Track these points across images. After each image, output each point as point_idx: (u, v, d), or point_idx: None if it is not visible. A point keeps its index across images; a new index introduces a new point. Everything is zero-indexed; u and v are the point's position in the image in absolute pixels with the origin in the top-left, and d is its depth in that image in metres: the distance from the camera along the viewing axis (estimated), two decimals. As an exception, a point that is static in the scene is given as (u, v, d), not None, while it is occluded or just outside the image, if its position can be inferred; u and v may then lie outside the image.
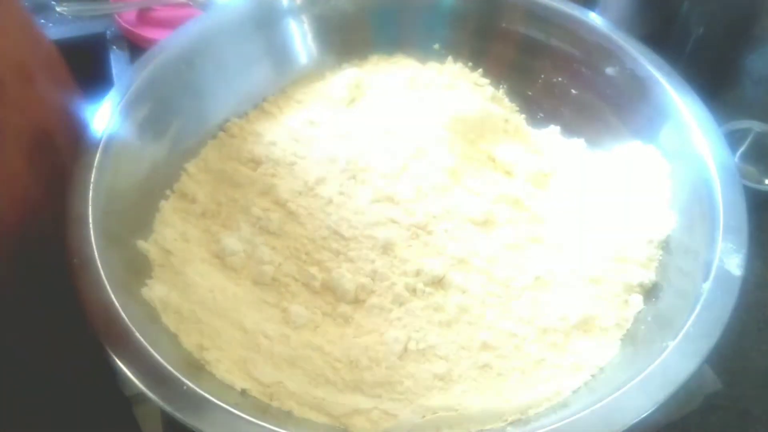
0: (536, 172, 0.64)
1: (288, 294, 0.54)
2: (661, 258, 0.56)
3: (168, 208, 0.58)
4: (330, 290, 0.54)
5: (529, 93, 0.72)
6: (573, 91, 0.69)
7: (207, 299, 0.51)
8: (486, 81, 0.72)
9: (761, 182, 0.71)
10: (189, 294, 0.51)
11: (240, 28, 0.67)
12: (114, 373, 0.57)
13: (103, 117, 0.55)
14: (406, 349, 0.51)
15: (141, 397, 0.53)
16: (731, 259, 0.48)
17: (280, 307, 0.53)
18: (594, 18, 0.67)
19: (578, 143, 0.67)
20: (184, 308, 0.50)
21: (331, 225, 0.56)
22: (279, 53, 0.70)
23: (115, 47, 0.77)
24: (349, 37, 0.73)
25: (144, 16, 0.78)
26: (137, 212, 0.55)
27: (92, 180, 0.51)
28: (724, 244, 0.49)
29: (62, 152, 0.53)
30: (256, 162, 0.62)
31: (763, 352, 0.63)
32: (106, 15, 0.78)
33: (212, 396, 0.42)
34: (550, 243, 0.57)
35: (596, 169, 0.64)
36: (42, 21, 0.83)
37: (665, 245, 0.56)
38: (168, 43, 0.63)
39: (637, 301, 0.54)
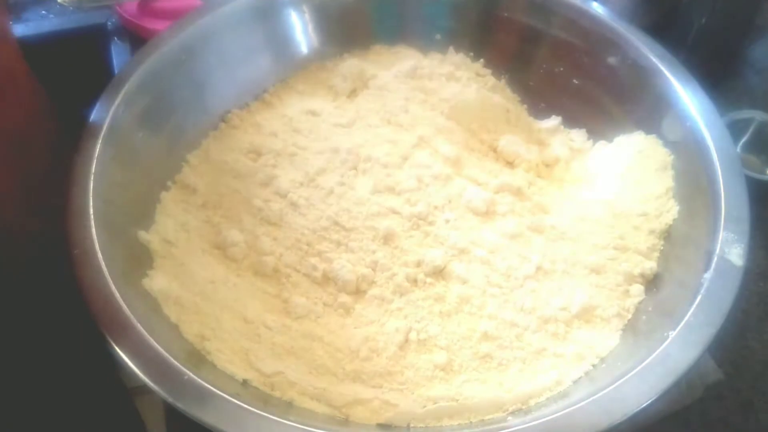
0: (538, 162, 0.64)
1: (289, 284, 0.54)
2: (662, 248, 0.56)
3: (169, 199, 0.58)
4: (331, 281, 0.54)
5: (531, 83, 0.71)
6: (575, 81, 0.69)
7: (208, 290, 0.51)
8: (487, 71, 0.72)
9: (764, 172, 0.71)
10: (190, 285, 0.51)
11: (241, 19, 0.67)
12: (116, 365, 0.57)
13: (104, 108, 0.55)
14: (406, 340, 0.51)
15: (143, 389, 0.54)
16: (733, 249, 0.48)
17: (281, 297, 0.53)
18: (596, 7, 0.66)
19: (580, 133, 0.67)
20: (185, 299, 0.50)
21: (331, 216, 0.56)
22: (280, 44, 0.70)
23: (116, 38, 0.77)
24: (351, 27, 0.72)
25: (145, 7, 0.77)
26: (138, 203, 0.55)
27: (93, 171, 0.51)
28: (725, 234, 0.49)
29: (35, 153, 0.54)
30: (257, 153, 0.61)
31: (765, 343, 0.63)
32: (107, 6, 0.78)
33: (213, 386, 0.42)
34: (552, 233, 0.57)
35: (598, 159, 0.64)
36: (43, 12, 0.83)
37: (667, 235, 0.56)
38: (169, 34, 0.63)
39: (638, 291, 0.54)
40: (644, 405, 0.42)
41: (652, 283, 0.54)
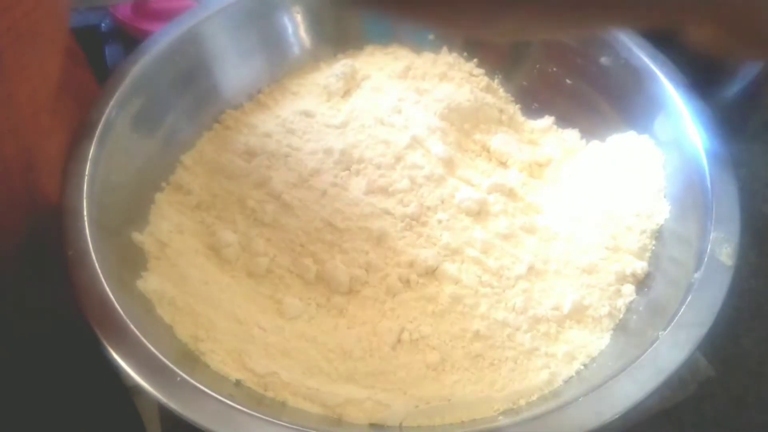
0: (531, 163, 0.65)
1: (282, 285, 0.54)
2: (654, 248, 0.56)
3: (163, 200, 0.58)
4: (324, 282, 0.54)
5: (524, 83, 0.71)
6: (568, 81, 0.69)
7: (202, 291, 0.52)
8: (481, 71, 0.72)
9: (756, 171, 0.71)
10: (184, 286, 0.52)
11: (234, 20, 0.67)
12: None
13: (98, 109, 0.55)
14: (399, 340, 0.51)
15: (139, 388, 0.54)
16: (723, 249, 0.49)
17: (274, 298, 0.53)
18: (588, 8, 0.67)
19: (573, 133, 0.68)
20: (179, 300, 0.50)
21: (325, 217, 0.56)
22: (274, 44, 0.70)
23: (110, 40, 0.77)
24: (344, 27, 0.72)
25: (139, 8, 0.77)
26: (132, 204, 0.56)
27: (87, 172, 0.51)
28: (715, 233, 0.50)
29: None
30: (250, 154, 0.62)
31: (756, 340, 0.63)
32: (101, 7, 0.78)
33: (207, 387, 0.42)
34: (544, 233, 0.57)
35: (590, 159, 0.64)
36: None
37: (658, 235, 0.56)
38: (162, 35, 0.63)
39: (630, 291, 0.54)
40: (633, 404, 0.42)
41: (643, 282, 0.55)
